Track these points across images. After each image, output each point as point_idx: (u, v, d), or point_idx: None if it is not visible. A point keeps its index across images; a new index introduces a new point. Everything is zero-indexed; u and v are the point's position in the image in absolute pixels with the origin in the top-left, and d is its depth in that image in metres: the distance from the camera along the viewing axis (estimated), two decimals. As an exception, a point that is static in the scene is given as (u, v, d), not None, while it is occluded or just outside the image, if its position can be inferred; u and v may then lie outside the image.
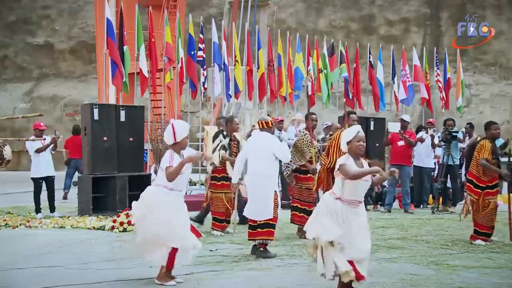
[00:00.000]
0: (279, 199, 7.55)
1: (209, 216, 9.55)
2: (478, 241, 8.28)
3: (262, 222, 7.42)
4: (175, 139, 5.97)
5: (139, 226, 5.97)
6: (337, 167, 5.26)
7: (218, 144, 9.04)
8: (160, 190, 5.96)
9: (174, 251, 5.87)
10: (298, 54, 16.16)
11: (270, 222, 7.43)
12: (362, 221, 5.29)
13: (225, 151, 9.06)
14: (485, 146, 8.38)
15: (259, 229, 7.43)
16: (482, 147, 8.40)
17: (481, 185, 8.41)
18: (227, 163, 9.10)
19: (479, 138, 9.19)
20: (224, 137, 9.10)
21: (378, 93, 17.10)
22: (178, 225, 5.91)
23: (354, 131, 5.38)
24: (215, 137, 9.19)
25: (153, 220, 5.84)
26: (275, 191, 7.46)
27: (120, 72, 12.66)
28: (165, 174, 5.86)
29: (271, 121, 7.74)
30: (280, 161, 7.93)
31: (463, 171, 11.59)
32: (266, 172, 7.44)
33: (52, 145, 11.20)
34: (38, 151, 11.02)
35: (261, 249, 7.40)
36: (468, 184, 8.58)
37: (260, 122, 7.76)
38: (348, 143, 5.35)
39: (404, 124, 12.73)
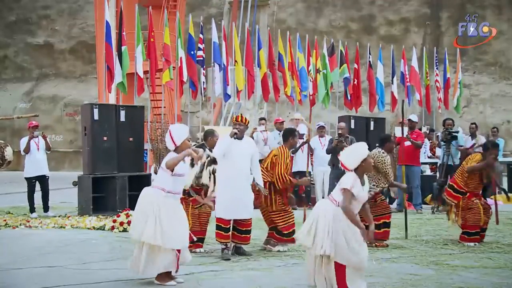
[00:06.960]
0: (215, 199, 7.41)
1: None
2: (469, 243, 8.17)
3: None
4: (174, 144, 6.00)
5: (140, 234, 5.83)
6: (344, 185, 5.28)
7: (205, 161, 7.45)
8: (157, 193, 5.91)
9: (177, 252, 5.86)
10: (300, 54, 16.17)
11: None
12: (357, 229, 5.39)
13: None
14: (474, 159, 8.36)
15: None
16: (470, 159, 8.40)
17: (461, 190, 8.37)
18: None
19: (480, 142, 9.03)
20: (210, 151, 7.53)
21: (375, 93, 17.11)
22: (178, 226, 5.87)
23: (365, 147, 5.43)
24: None
25: (153, 225, 5.76)
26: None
27: (111, 75, 12.69)
28: (165, 162, 5.86)
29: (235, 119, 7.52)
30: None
31: None
32: None
33: (45, 144, 11.42)
34: (25, 151, 11.24)
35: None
36: (448, 189, 8.56)
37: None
38: (363, 160, 5.37)
39: (412, 125, 12.69)
